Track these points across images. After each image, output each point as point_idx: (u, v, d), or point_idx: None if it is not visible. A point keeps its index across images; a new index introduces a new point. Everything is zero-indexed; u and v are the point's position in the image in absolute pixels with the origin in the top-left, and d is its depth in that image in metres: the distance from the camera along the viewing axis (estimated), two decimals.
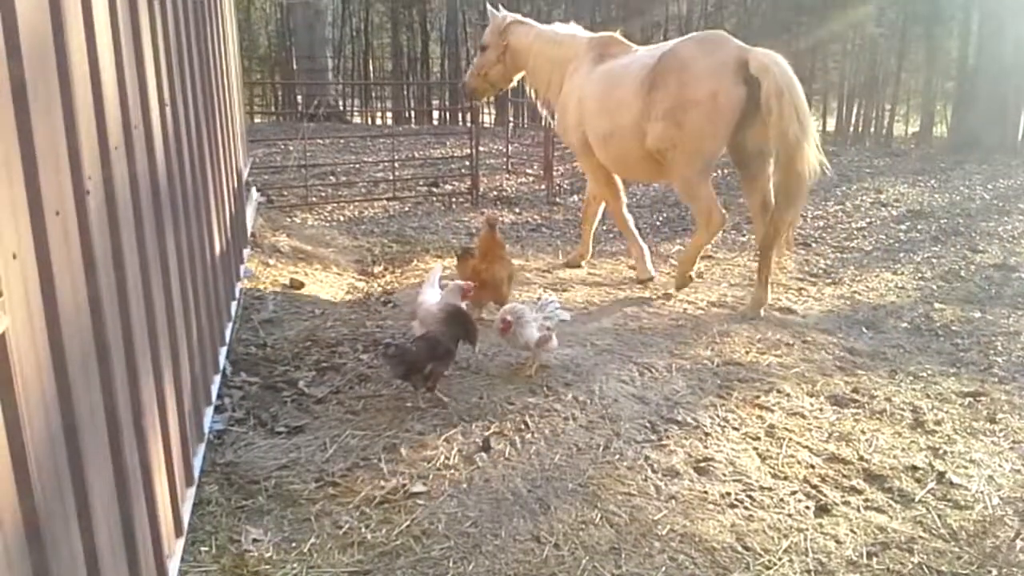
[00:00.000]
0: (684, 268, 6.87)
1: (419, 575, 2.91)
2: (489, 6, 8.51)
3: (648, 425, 4.13)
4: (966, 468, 3.93)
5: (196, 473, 3.23)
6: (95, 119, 2.12)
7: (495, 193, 12.42)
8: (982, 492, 3.70)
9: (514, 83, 8.16)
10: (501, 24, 7.74)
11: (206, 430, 3.58)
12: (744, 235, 9.91)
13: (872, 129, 30.33)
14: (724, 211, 6.48)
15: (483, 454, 3.76)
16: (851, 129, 30.70)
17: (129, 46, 2.56)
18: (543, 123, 9.90)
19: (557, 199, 12.11)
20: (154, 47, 2.97)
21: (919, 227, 10.10)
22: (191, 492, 3.10)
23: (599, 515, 3.30)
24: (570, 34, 7.46)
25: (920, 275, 7.99)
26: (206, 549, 3.05)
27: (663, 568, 2.98)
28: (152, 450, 2.43)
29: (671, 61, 6.22)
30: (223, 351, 4.39)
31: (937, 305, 6.89)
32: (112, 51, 2.34)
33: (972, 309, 6.81)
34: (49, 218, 1.66)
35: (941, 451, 4.10)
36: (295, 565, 2.96)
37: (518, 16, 7.92)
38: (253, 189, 8.81)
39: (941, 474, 3.83)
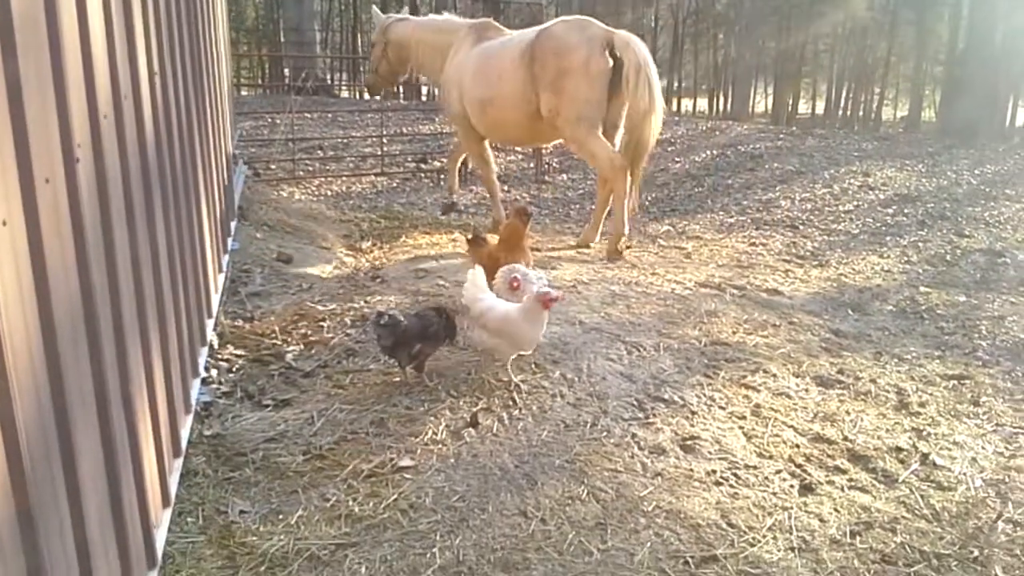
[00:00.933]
0: (618, 227, 7.33)
1: (406, 548, 2.92)
2: (374, 8, 9.56)
3: (635, 403, 4.14)
4: (949, 450, 3.97)
5: (183, 444, 3.22)
6: (85, 87, 2.09)
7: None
8: (965, 474, 3.74)
9: (407, 74, 8.97)
10: (384, 23, 8.58)
11: (193, 402, 3.56)
12: (732, 216, 9.93)
13: (861, 113, 30.39)
14: (621, 156, 7.16)
15: (471, 430, 3.77)
16: (840, 112, 30.77)
17: (119, 13, 2.52)
18: None
19: (546, 177, 12.09)
20: (144, 16, 2.93)
21: (906, 211, 10.13)
22: (178, 463, 3.10)
23: (586, 491, 3.32)
24: (448, 20, 8.47)
25: (906, 259, 8.03)
26: (193, 519, 3.05)
27: (648, 544, 3.00)
28: (139, 420, 2.42)
29: (548, 38, 6.97)
30: (210, 323, 4.37)
31: (923, 288, 6.93)
32: (103, 18, 2.31)
33: (957, 293, 6.85)
34: (39, 186, 1.65)
35: (925, 433, 4.13)
36: (282, 537, 2.96)
37: (399, 15, 8.81)
38: (240, 162, 8.76)
39: (925, 455, 3.87)
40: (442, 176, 11.92)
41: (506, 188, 11.25)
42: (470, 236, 5.81)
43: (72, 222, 1.90)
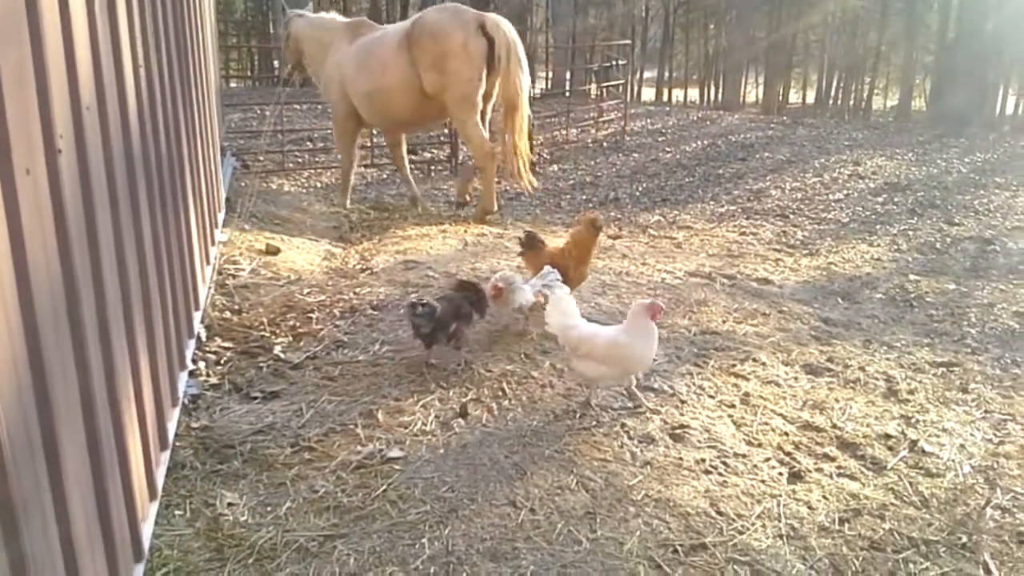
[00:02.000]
0: (486, 204, 8.58)
1: (395, 539, 2.92)
2: (283, 2, 10.25)
3: (625, 392, 4.14)
4: (938, 437, 3.98)
5: (170, 437, 3.21)
6: (67, 78, 2.07)
7: (474, 161, 12.33)
8: (953, 460, 3.75)
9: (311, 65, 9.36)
10: (287, 18, 9.26)
11: (180, 394, 3.55)
12: (723, 206, 9.94)
13: (851, 102, 30.43)
14: (492, 144, 8.25)
15: (460, 420, 3.76)
16: (831, 102, 30.79)
17: (102, 5, 2.50)
18: None
19: (536, 168, 12.06)
20: (128, 7, 2.91)
21: (896, 199, 10.16)
22: (165, 456, 3.08)
23: (575, 480, 3.32)
24: (331, 18, 9.11)
25: (896, 247, 8.05)
26: (180, 513, 3.04)
27: (638, 532, 3.00)
28: (125, 412, 2.41)
29: (424, 25, 7.67)
30: (198, 316, 4.35)
31: (912, 277, 6.95)
32: (85, 10, 2.29)
33: (947, 281, 6.88)
34: (19, 176, 1.63)
35: (914, 420, 4.14)
36: (270, 528, 2.96)
37: (302, 11, 9.31)
38: (229, 153, 8.72)
39: (913, 442, 3.88)
40: (433, 167, 11.89)
41: (497, 180, 11.20)
42: (523, 238, 5.19)
43: (54, 213, 1.88)
